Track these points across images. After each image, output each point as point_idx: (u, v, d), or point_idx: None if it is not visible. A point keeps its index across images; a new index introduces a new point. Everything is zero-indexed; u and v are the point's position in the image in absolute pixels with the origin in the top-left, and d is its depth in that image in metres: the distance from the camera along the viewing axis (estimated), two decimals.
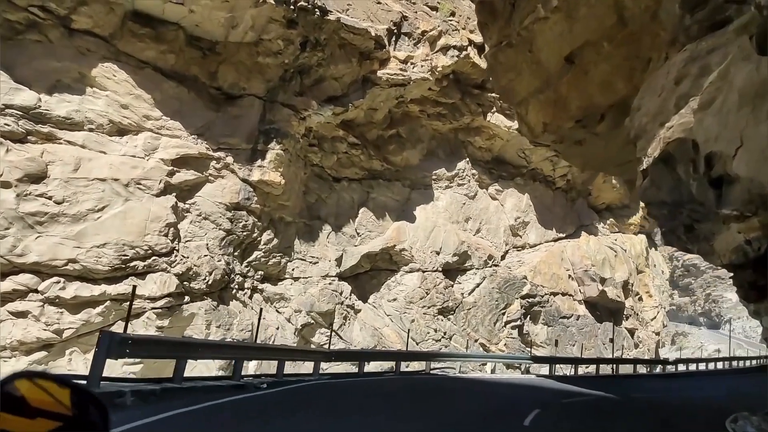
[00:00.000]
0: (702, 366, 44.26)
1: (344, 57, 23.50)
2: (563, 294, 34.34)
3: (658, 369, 38.31)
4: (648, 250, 46.10)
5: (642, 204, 47.63)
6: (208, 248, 19.90)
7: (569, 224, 37.95)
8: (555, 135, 17.88)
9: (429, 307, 27.40)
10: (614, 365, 33.11)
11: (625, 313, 39.39)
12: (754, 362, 50.27)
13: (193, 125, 19.94)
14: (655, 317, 43.96)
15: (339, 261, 25.17)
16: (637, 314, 41.19)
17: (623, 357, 35.04)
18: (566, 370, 30.03)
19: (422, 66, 26.30)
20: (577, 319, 34.77)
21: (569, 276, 35.41)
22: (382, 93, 25.28)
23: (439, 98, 28.87)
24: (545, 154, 34.00)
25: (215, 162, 20.32)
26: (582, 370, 30.95)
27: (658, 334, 43.86)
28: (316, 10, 21.29)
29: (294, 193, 23.29)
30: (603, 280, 36.66)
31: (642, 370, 37.08)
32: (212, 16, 19.32)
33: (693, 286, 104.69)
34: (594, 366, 30.97)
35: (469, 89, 29.95)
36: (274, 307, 22.49)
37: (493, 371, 26.15)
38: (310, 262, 24.06)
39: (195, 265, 19.26)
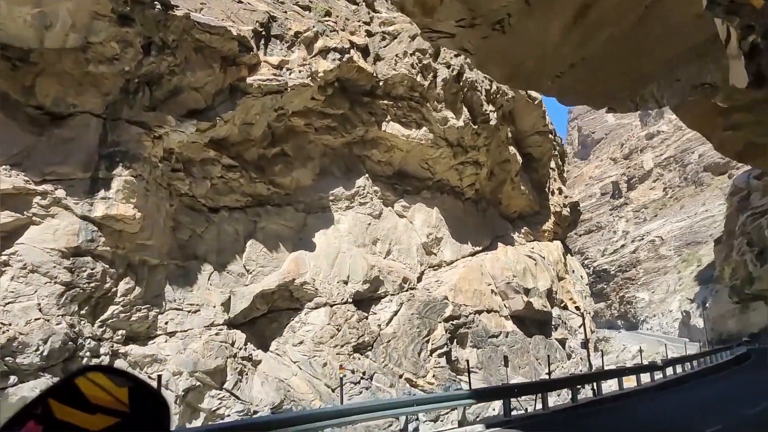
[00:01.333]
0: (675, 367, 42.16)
1: (203, 62, 19.55)
2: (489, 311, 31.20)
3: (645, 378, 28.34)
4: (565, 256, 44.22)
5: (552, 209, 46.04)
6: (40, 309, 15.07)
7: (484, 236, 35.17)
8: (461, 6, 11.09)
9: (342, 346, 23.29)
10: (595, 384, 24.49)
11: (553, 323, 36.81)
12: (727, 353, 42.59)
13: (5, 153, 15.28)
14: (582, 325, 41.74)
15: (227, 306, 20.71)
16: (565, 323, 38.77)
17: (606, 370, 29.14)
18: (527, 403, 23.03)
19: (300, 71, 22.75)
20: (507, 336, 31.63)
21: (492, 291, 32.39)
22: (255, 103, 21.43)
23: (325, 109, 25.38)
24: (449, 163, 31.18)
25: (40, 198, 15.63)
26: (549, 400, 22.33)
27: (587, 341, 41.58)
28: (156, 3, 17.32)
29: (158, 229, 18.80)
30: (527, 291, 33.92)
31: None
32: (13, 13, 14.92)
33: (606, 291, 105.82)
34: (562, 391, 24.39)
35: (358, 97, 26.68)
36: (146, 372, 17.69)
37: None
38: (189, 311, 19.46)
39: (21, 333, 14.39)
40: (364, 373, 23.23)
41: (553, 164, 46.79)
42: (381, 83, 26.82)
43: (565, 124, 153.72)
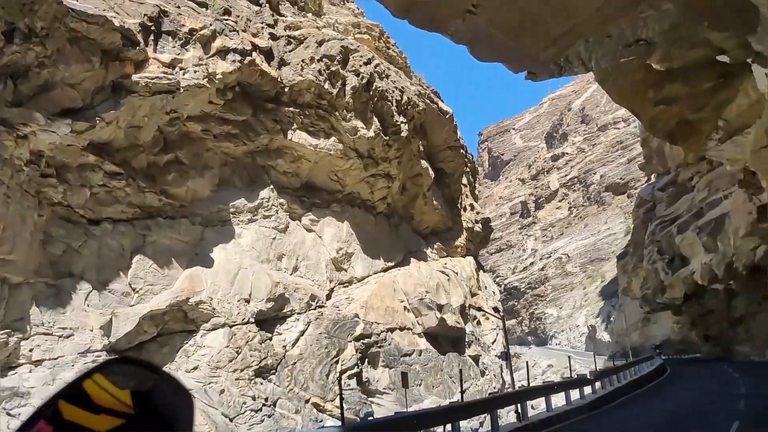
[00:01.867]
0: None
1: (80, 55, 17.35)
2: (401, 328, 29.97)
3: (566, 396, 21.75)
4: (477, 272, 43.92)
5: (465, 225, 45.78)
6: None
7: (397, 251, 34.08)
8: None
9: (242, 370, 21.27)
10: (519, 406, 18.57)
11: (466, 340, 36.08)
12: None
13: None
14: (495, 340, 41.41)
15: (107, 329, 18.30)
16: (478, 339, 38.18)
17: (531, 387, 24.37)
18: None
19: (195, 71, 20.87)
20: (420, 355, 30.49)
21: (405, 307, 31.23)
22: (143, 103, 19.34)
23: (225, 114, 23.52)
24: (360, 175, 29.94)
25: None
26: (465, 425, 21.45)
27: (500, 357, 41.24)
28: None
29: (23, 242, 16.30)
30: (440, 307, 33.02)
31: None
32: None
33: (517, 308, 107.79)
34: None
35: (262, 103, 25.00)
36: (3, 409, 15.10)
37: None
38: (60, 336, 16.96)
39: None
40: (266, 399, 21.29)
41: (465, 180, 46.64)
42: (286, 89, 25.29)
43: (476, 146, 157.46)
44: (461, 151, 41.15)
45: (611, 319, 77.09)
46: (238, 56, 22.55)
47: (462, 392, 26.91)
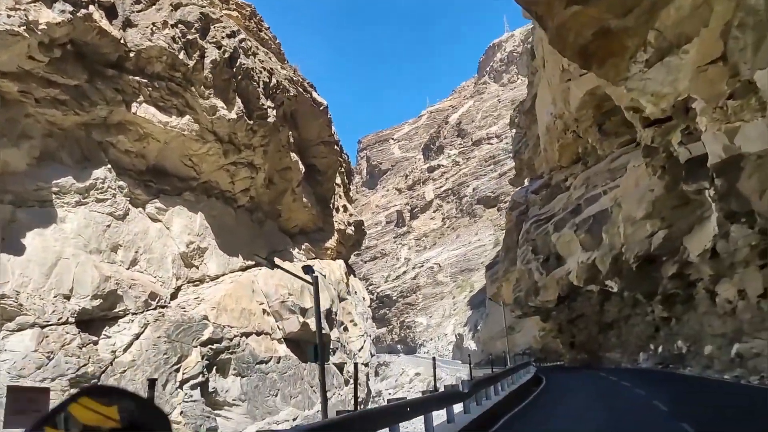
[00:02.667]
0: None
1: None
2: (258, 333, 27.15)
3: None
4: (347, 276, 41.93)
5: (337, 227, 43.68)
6: None
7: (260, 250, 31.14)
8: None
9: (54, 379, 17.57)
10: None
11: (331, 346, 33.84)
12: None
13: None
14: (362, 347, 39.54)
15: None
16: (344, 346, 36.08)
17: (400, 399, 18.78)
18: None
19: (10, 17, 17.10)
20: (278, 362, 27.81)
21: (264, 311, 28.43)
22: None
23: (52, 76, 19.70)
24: (219, 162, 26.86)
25: None
26: None
27: (366, 365, 39.43)
28: None
29: None
30: (304, 311, 30.54)
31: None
32: None
33: (389, 316, 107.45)
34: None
35: (100, 68, 21.35)
36: None
37: None
38: None
39: None
40: None
41: (339, 180, 44.60)
42: (132, 54, 21.85)
43: (355, 154, 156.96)
44: (335, 147, 39.06)
45: (478, 327, 78.35)
46: (69, 6, 18.92)
47: (324, 402, 24.61)
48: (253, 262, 29.97)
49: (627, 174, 25.53)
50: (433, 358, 20.21)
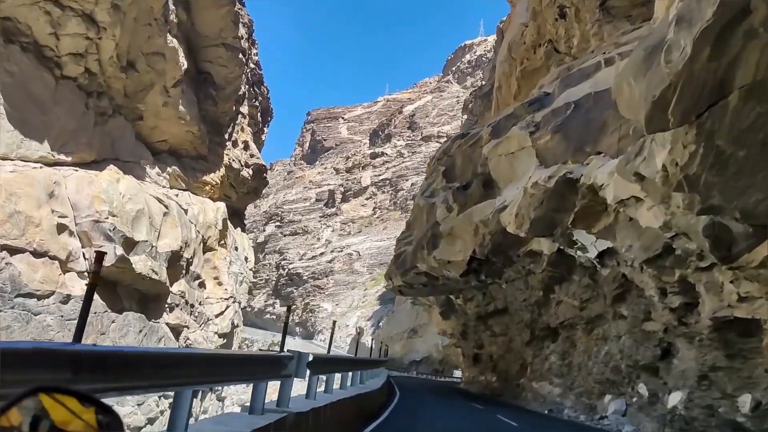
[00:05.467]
0: None
1: None
2: (38, 254, 18.14)
3: None
4: (227, 223, 33.08)
5: (227, 162, 34.78)
6: None
7: (89, 147, 22.07)
8: None
9: None
10: None
11: (169, 301, 25.05)
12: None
13: None
14: (223, 313, 30.84)
15: None
16: (192, 306, 27.30)
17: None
18: None
19: None
20: (64, 303, 18.87)
21: (62, 227, 19.42)
22: None
23: None
24: None
25: None
26: None
27: (224, 336, 30.77)
28: None
29: None
30: (132, 244, 21.66)
31: None
32: None
33: (294, 295, 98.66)
34: None
35: None
36: None
37: None
38: None
39: None
40: None
41: (245, 109, 35.74)
42: None
43: (301, 124, 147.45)
44: (240, 57, 30.09)
45: (380, 325, 70.80)
46: None
47: None
48: (69, 158, 20.89)
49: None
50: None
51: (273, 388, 6.65)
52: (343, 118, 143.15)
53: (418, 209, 24.97)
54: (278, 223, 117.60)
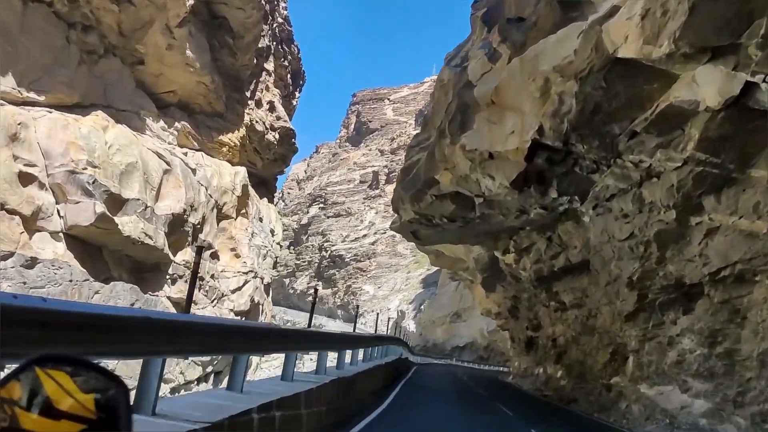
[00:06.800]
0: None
1: None
2: (5, 211, 14.82)
3: None
4: (248, 190, 29.51)
5: (248, 122, 31.16)
6: None
7: (69, 87, 18.60)
8: None
9: None
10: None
11: (170, 271, 21.58)
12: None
13: None
14: (240, 289, 27.34)
15: None
16: (203, 278, 23.83)
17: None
18: None
19: None
20: (29, 269, 15.52)
21: (30, 177, 16.03)
22: None
23: None
24: None
25: None
26: None
27: (242, 314, 27.28)
28: None
29: None
30: (120, 202, 18.20)
31: None
32: None
33: (336, 278, 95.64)
34: None
35: None
36: None
37: None
38: None
39: None
40: None
41: (271, 66, 32.02)
42: None
43: (347, 106, 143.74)
44: (264, 6, 26.23)
45: (422, 308, 66.73)
46: None
47: None
48: (43, 97, 17.48)
49: None
50: None
51: None
52: (388, 99, 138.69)
53: (441, 89, 16.86)
54: (322, 205, 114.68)
